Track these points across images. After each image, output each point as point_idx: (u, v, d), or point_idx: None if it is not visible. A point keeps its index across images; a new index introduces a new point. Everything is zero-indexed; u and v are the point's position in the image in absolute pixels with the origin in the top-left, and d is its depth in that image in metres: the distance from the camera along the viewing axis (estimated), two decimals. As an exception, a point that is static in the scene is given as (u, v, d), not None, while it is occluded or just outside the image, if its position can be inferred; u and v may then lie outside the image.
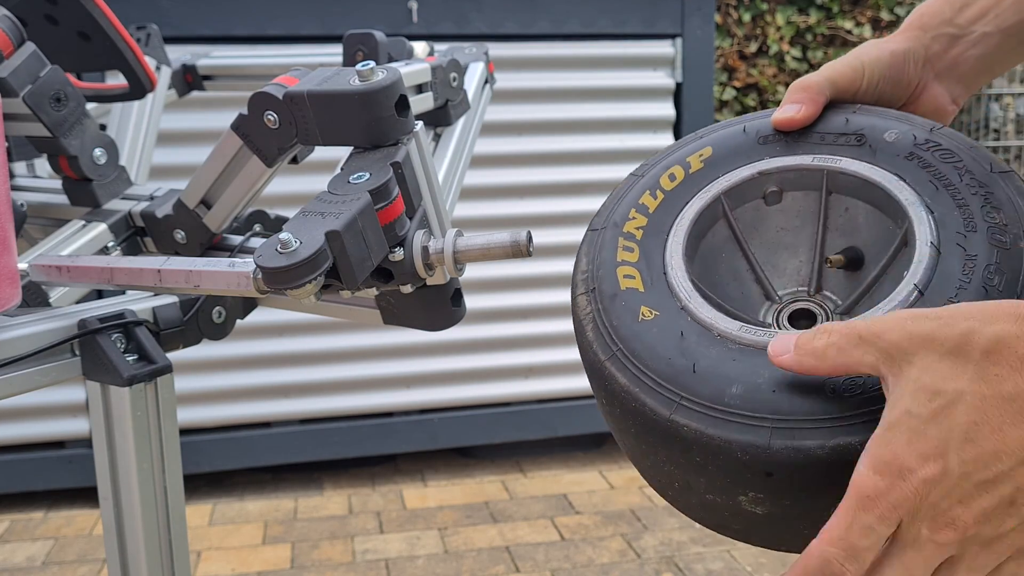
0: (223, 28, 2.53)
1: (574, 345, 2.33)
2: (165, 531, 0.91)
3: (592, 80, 2.80)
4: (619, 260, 0.60)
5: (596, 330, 0.58)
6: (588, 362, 0.58)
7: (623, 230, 0.62)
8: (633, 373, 0.55)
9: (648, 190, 0.64)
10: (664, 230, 0.61)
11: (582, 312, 0.59)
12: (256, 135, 0.81)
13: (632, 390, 0.55)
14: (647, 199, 0.63)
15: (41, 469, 2.66)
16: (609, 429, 0.61)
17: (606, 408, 0.58)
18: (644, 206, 0.63)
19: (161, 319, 0.94)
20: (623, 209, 0.63)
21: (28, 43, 0.93)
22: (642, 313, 0.57)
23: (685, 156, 0.65)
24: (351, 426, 2.81)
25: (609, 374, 0.56)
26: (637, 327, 0.56)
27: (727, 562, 2.39)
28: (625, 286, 0.59)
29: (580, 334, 0.59)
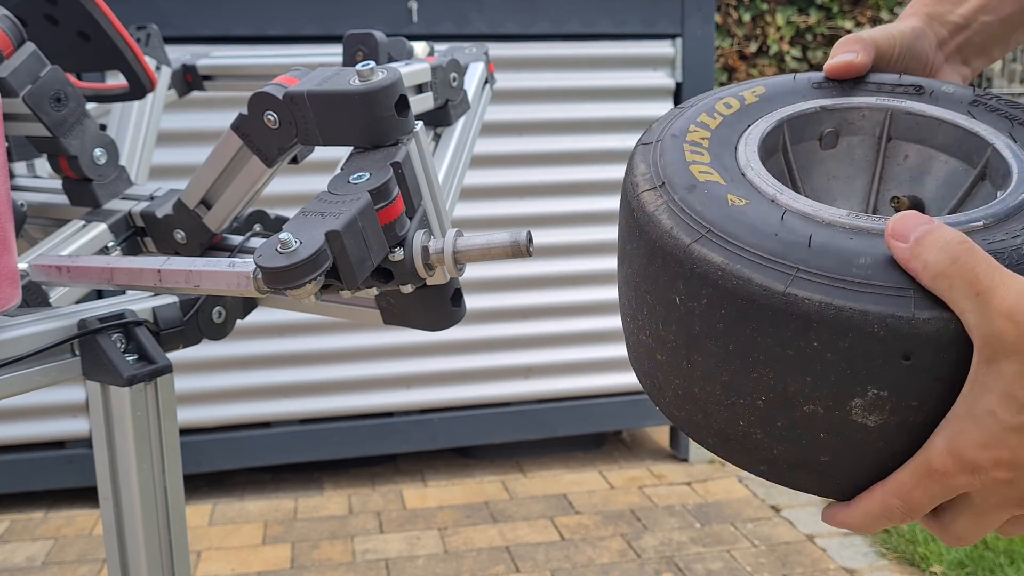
0: (223, 28, 2.53)
1: (574, 345, 2.33)
2: (165, 531, 0.91)
3: (592, 80, 2.80)
4: (689, 160, 0.57)
5: (675, 217, 0.52)
6: (666, 251, 0.52)
7: (685, 139, 0.59)
8: (731, 252, 0.49)
9: (705, 112, 0.61)
10: (731, 143, 0.58)
11: (651, 206, 0.54)
12: (256, 135, 0.81)
13: (731, 268, 0.48)
14: (705, 118, 0.61)
15: (41, 469, 2.66)
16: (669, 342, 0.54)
17: (687, 301, 0.51)
18: (704, 123, 0.60)
19: (161, 319, 0.94)
20: (680, 125, 0.60)
21: (28, 43, 0.93)
22: (730, 200, 0.53)
23: (738, 91, 0.63)
24: (351, 426, 2.81)
25: (699, 256, 0.50)
26: (728, 211, 0.52)
27: (727, 562, 2.39)
28: (703, 179, 0.55)
29: (651, 225, 0.54)
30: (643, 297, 0.55)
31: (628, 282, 0.57)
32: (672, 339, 0.53)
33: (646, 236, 0.54)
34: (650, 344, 0.55)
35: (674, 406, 0.56)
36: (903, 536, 2.47)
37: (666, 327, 0.53)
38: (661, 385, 0.56)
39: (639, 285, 0.55)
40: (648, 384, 0.59)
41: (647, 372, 0.58)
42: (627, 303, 0.58)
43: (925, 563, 2.34)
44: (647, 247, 0.54)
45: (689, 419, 0.55)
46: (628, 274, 0.57)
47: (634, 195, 0.57)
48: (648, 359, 0.56)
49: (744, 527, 2.60)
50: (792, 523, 2.63)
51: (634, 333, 0.58)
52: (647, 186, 0.56)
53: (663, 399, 0.57)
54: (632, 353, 0.60)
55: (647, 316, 0.55)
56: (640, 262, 0.55)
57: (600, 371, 2.96)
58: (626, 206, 0.57)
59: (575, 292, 2.88)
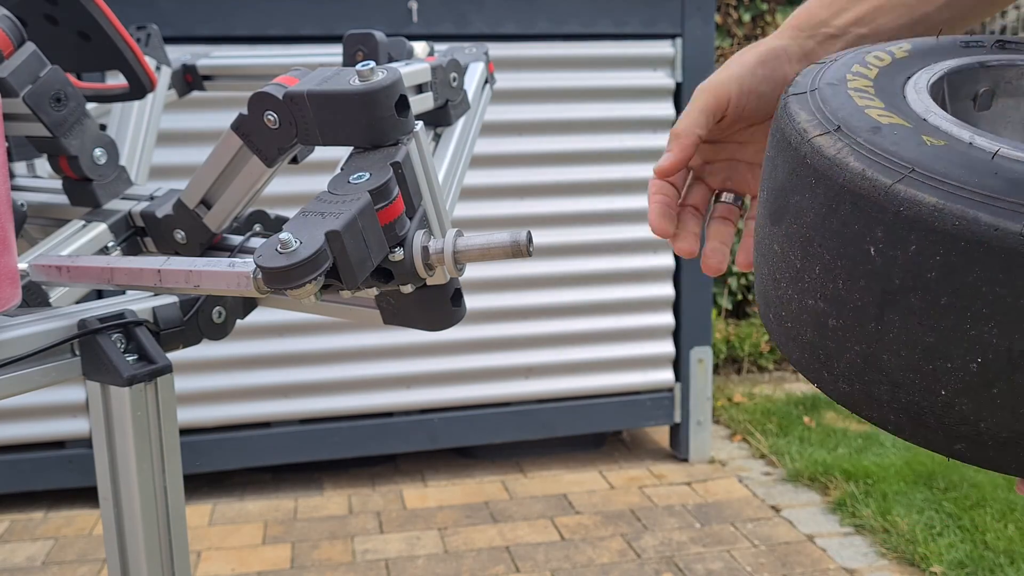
0: (223, 28, 2.53)
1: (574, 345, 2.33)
2: (165, 531, 0.91)
3: (592, 80, 2.80)
4: (861, 105, 0.53)
5: (865, 159, 0.48)
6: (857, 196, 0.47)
7: (847, 87, 0.55)
8: (945, 191, 0.44)
9: (857, 63, 0.58)
10: (895, 92, 0.55)
11: (831, 150, 0.50)
12: (256, 135, 0.81)
13: (950, 207, 0.43)
14: (859, 68, 0.57)
15: (41, 469, 2.66)
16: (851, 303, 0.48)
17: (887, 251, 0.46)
18: (860, 73, 0.57)
19: (161, 319, 0.94)
20: (834, 74, 0.57)
21: (28, 43, 0.93)
22: (925, 140, 0.48)
23: (884, 48, 0.61)
24: (351, 426, 2.81)
25: (905, 197, 0.45)
26: (928, 150, 0.47)
27: (727, 562, 2.39)
28: (886, 122, 0.50)
29: (834, 169, 0.49)
30: (816, 254, 0.49)
31: (791, 240, 0.52)
32: (857, 298, 0.47)
33: (826, 182, 0.49)
34: (821, 308, 0.50)
35: (846, 380, 0.51)
36: (903, 536, 2.47)
37: (849, 285, 0.48)
38: (831, 356, 0.51)
39: (811, 240, 0.50)
40: (808, 358, 0.53)
41: (809, 343, 0.52)
42: (785, 266, 0.53)
43: (925, 563, 2.34)
44: (828, 194, 0.49)
45: (866, 393, 0.50)
46: (793, 231, 0.51)
47: (804, 141, 0.52)
48: (814, 327, 0.51)
49: (744, 527, 2.60)
50: (792, 523, 2.63)
51: (794, 299, 0.52)
52: (819, 131, 0.51)
53: (830, 373, 0.52)
54: (785, 324, 0.55)
55: (820, 275, 0.49)
56: (815, 213, 0.50)
57: (600, 371, 2.96)
58: (792, 156, 0.53)
59: (575, 292, 2.88)
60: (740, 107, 0.67)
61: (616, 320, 2.95)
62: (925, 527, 2.51)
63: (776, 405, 3.60)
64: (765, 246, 0.56)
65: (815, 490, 2.86)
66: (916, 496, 2.73)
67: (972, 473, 2.88)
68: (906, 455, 3.06)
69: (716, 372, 4.01)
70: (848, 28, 0.67)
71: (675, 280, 2.98)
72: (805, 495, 2.83)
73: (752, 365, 4.06)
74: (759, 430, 3.32)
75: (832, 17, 0.67)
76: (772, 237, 0.55)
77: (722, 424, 3.48)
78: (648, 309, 2.98)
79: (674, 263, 2.97)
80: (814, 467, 2.94)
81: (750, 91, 0.66)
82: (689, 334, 2.99)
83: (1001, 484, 2.79)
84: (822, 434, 3.28)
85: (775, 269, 0.55)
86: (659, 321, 2.99)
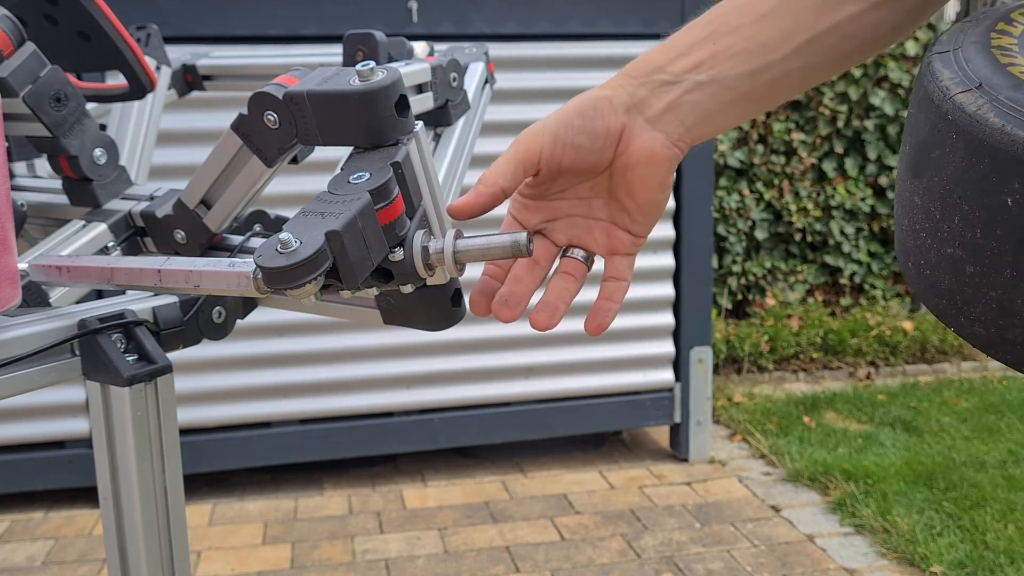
0: (223, 28, 2.53)
1: (574, 345, 2.33)
2: (165, 531, 0.91)
3: (592, 80, 2.80)
4: (1004, 63, 0.54)
5: (1005, 115, 0.51)
6: (997, 150, 0.50)
7: (991, 46, 0.56)
8: None
9: (1002, 21, 0.59)
10: None
11: (972, 106, 0.53)
12: (256, 135, 0.81)
13: None
14: (1004, 27, 0.58)
15: (41, 469, 2.66)
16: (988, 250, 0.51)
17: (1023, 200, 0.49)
18: (1004, 31, 0.58)
19: (161, 319, 0.94)
20: (978, 33, 0.58)
21: (28, 43, 0.93)
22: None
23: None
24: (351, 426, 2.81)
25: None
26: None
27: (727, 562, 2.39)
28: None
29: (975, 125, 0.52)
30: (955, 205, 0.53)
31: (932, 192, 0.55)
32: (994, 246, 0.51)
33: (967, 138, 0.52)
34: (959, 256, 0.53)
35: (981, 324, 0.54)
36: (903, 536, 2.47)
37: (987, 233, 0.51)
38: (968, 301, 0.54)
39: (951, 192, 0.53)
40: (946, 304, 0.56)
41: (947, 290, 0.56)
42: (925, 217, 0.56)
43: (925, 563, 2.34)
44: (968, 149, 0.52)
45: (1001, 336, 0.53)
46: (933, 184, 0.55)
47: (946, 98, 0.54)
48: (952, 274, 0.54)
49: (744, 527, 2.60)
50: (792, 523, 2.63)
51: (933, 248, 0.56)
52: (961, 88, 0.54)
53: (966, 318, 0.55)
54: (924, 272, 0.58)
55: (958, 225, 0.53)
56: (956, 167, 0.53)
57: (600, 371, 2.96)
58: (933, 112, 0.55)
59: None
60: (555, 160, 0.64)
61: (616, 320, 2.94)
62: (925, 527, 2.51)
63: (776, 405, 3.60)
64: (906, 199, 0.59)
65: (815, 490, 2.86)
66: (916, 496, 2.72)
67: (972, 473, 2.89)
68: (906, 455, 3.06)
69: (716, 372, 4.01)
70: (684, 75, 0.62)
71: (675, 280, 2.98)
72: (805, 495, 2.83)
73: (752, 365, 4.06)
74: (759, 430, 3.32)
75: (668, 63, 0.63)
76: (913, 190, 0.57)
77: (722, 424, 3.48)
78: (648, 309, 2.98)
79: (674, 263, 2.97)
80: (814, 467, 2.94)
81: (565, 144, 0.63)
82: (689, 334, 2.99)
83: (1001, 484, 2.80)
84: (822, 434, 3.28)
85: (915, 220, 0.57)
86: (659, 321, 2.99)
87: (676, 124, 0.63)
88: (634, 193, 0.65)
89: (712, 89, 0.62)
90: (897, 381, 4.02)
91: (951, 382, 3.96)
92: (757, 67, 0.62)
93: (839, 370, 4.10)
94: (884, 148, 4.45)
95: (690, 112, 0.63)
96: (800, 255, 4.53)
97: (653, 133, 0.63)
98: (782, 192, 4.41)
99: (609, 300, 0.68)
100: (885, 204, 4.50)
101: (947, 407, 3.59)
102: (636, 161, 0.63)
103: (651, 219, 0.66)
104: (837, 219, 4.46)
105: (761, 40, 0.62)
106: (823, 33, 0.61)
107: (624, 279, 0.68)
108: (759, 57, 0.62)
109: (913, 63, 4.42)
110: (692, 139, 0.64)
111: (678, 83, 0.62)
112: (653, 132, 0.63)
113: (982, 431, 3.32)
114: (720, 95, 0.63)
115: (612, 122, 0.63)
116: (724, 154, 4.31)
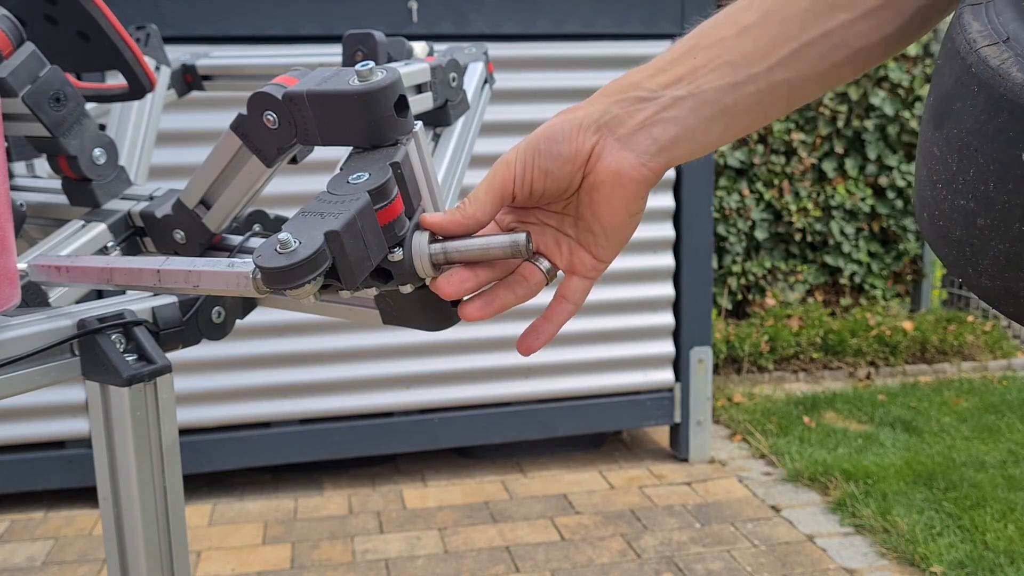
0: (223, 28, 2.53)
1: (574, 345, 2.33)
2: (165, 531, 0.91)
3: (592, 80, 2.80)
4: None
5: None
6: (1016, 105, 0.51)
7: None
8: None
9: None
10: None
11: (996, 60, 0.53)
12: (255, 135, 0.81)
13: None
14: None
15: (41, 469, 2.66)
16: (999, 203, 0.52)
17: None
18: None
19: (161, 319, 0.94)
20: None
21: (28, 43, 0.93)
22: None
23: None
24: (351, 426, 2.81)
25: None
26: None
27: (727, 562, 2.39)
28: None
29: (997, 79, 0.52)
30: (971, 157, 0.53)
31: (950, 143, 0.55)
32: (1005, 200, 0.52)
33: (988, 91, 0.52)
34: (971, 208, 0.54)
35: (988, 276, 0.55)
36: (903, 536, 2.47)
37: (999, 187, 0.52)
38: (976, 253, 0.55)
39: (968, 144, 0.53)
40: (956, 254, 0.57)
41: (957, 240, 0.56)
42: (942, 168, 0.57)
43: (925, 563, 2.34)
44: (988, 102, 0.52)
45: (1006, 290, 0.55)
46: (952, 135, 0.55)
47: (972, 51, 0.54)
48: (963, 226, 0.55)
49: (744, 527, 2.60)
50: (792, 523, 2.63)
51: (947, 199, 0.56)
52: (987, 41, 0.54)
53: (974, 269, 0.56)
54: (937, 223, 0.59)
55: (973, 178, 0.53)
56: (974, 120, 0.53)
57: (600, 371, 2.96)
58: (958, 64, 0.55)
59: (575, 292, 2.88)
60: (526, 187, 0.62)
61: (616, 320, 2.95)
62: (925, 527, 2.51)
63: (776, 405, 3.60)
64: (926, 150, 0.59)
65: (815, 490, 2.86)
66: (916, 496, 2.72)
67: (972, 473, 2.89)
68: (906, 455, 3.06)
69: (716, 372, 4.01)
70: (662, 90, 0.61)
71: (675, 280, 2.98)
72: (805, 495, 2.83)
73: (752, 365, 4.06)
74: (759, 430, 3.32)
75: (646, 80, 0.61)
76: (933, 141, 0.58)
77: (722, 424, 3.48)
78: (648, 309, 2.98)
79: (674, 263, 2.97)
80: (814, 467, 2.94)
81: (534, 169, 0.62)
82: (689, 334, 2.99)
83: (1001, 484, 2.80)
84: (822, 434, 3.28)
85: (932, 171, 0.58)
86: (659, 321, 2.99)
87: (649, 142, 0.61)
88: (599, 214, 0.63)
89: (691, 103, 0.60)
90: (897, 381, 4.02)
91: (951, 382, 3.96)
92: (740, 79, 0.60)
93: (839, 370, 4.10)
94: (884, 148, 4.45)
95: (665, 130, 0.61)
96: (800, 255, 4.53)
97: (623, 152, 0.61)
98: (782, 192, 4.41)
99: (548, 321, 0.66)
100: (885, 204, 4.50)
101: (947, 407, 3.59)
102: (602, 180, 0.61)
103: (615, 244, 0.64)
104: (837, 219, 4.46)
105: (744, 51, 0.60)
106: (811, 43, 0.60)
107: (573, 302, 0.66)
108: (742, 69, 0.60)
109: (913, 63, 4.42)
110: (667, 159, 0.61)
111: (655, 99, 0.61)
112: (623, 152, 0.61)
113: (982, 431, 3.32)
114: (700, 109, 0.61)
115: (580, 144, 0.61)
116: (724, 154, 4.31)
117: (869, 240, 4.55)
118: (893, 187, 4.49)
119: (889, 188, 4.50)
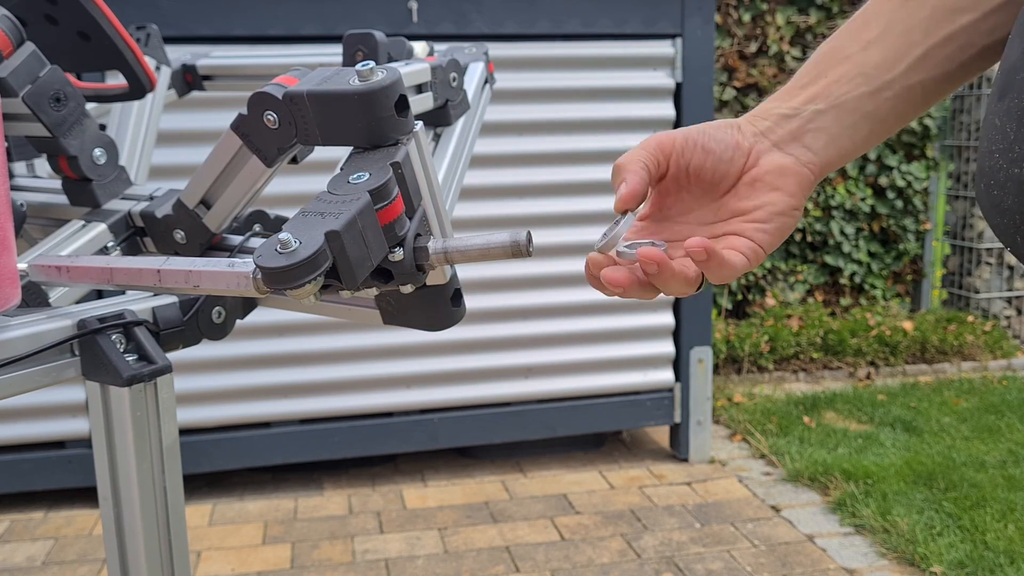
0: (223, 28, 2.53)
1: (574, 345, 2.33)
2: (165, 531, 0.91)
3: (592, 80, 2.80)
4: None
5: None
6: None
7: None
8: None
9: None
10: None
11: None
12: (256, 135, 0.81)
13: None
14: None
15: (41, 469, 2.66)
16: None
17: None
18: None
19: (161, 319, 0.94)
20: None
21: (28, 43, 0.93)
22: None
23: None
24: (351, 426, 2.81)
25: None
26: None
27: (727, 562, 2.39)
28: None
29: None
30: None
31: (1010, 114, 0.56)
32: None
33: None
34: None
35: None
36: (903, 536, 2.47)
37: None
38: None
39: None
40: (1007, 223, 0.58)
41: (1008, 209, 0.58)
42: (1001, 137, 0.58)
43: (925, 563, 2.34)
44: None
45: None
46: (1013, 105, 0.56)
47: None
48: (1015, 195, 0.56)
49: (744, 527, 2.60)
50: (792, 523, 2.63)
51: (1003, 168, 0.57)
52: None
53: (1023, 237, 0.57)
54: (991, 193, 0.60)
55: None
56: None
57: (600, 371, 2.96)
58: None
59: (575, 292, 2.88)
60: (684, 160, 0.63)
61: (616, 320, 2.95)
62: (925, 527, 2.51)
63: (776, 405, 3.60)
64: (989, 121, 0.60)
65: (815, 490, 2.86)
66: (916, 496, 2.72)
67: (972, 473, 2.89)
68: (906, 455, 3.06)
69: (716, 372, 4.01)
70: (803, 107, 0.63)
71: (675, 280, 2.98)
72: (805, 495, 2.83)
73: (752, 365, 4.06)
74: (759, 430, 3.32)
75: (784, 102, 0.64)
76: (995, 112, 0.59)
77: (722, 424, 3.48)
78: (648, 309, 2.98)
79: (674, 263, 2.97)
80: (814, 467, 2.94)
81: (696, 145, 0.63)
82: (689, 334, 2.99)
83: (1001, 484, 2.80)
84: (822, 434, 3.28)
85: (992, 141, 0.59)
86: (659, 321, 2.99)
87: (802, 150, 0.63)
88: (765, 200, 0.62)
89: (833, 114, 0.63)
90: (897, 381, 4.02)
91: (951, 382, 3.96)
92: (876, 87, 0.63)
93: (839, 370, 4.10)
94: (884, 148, 4.45)
95: (815, 138, 0.63)
96: (800, 255, 4.53)
97: (780, 154, 0.63)
98: (782, 192, 4.40)
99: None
100: (885, 204, 4.50)
101: (947, 407, 3.59)
102: (766, 171, 0.63)
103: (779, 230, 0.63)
104: (837, 219, 4.46)
105: (874, 63, 0.63)
106: (937, 46, 0.62)
107: None
108: (875, 78, 0.63)
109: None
110: (822, 163, 0.63)
111: (797, 115, 0.63)
112: (780, 153, 0.63)
113: (982, 431, 3.32)
114: (843, 118, 0.63)
115: (742, 141, 0.63)
116: (724, 154, 4.31)
117: (869, 240, 4.55)
118: (893, 187, 4.49)
119: (889, 188, 4.50)
